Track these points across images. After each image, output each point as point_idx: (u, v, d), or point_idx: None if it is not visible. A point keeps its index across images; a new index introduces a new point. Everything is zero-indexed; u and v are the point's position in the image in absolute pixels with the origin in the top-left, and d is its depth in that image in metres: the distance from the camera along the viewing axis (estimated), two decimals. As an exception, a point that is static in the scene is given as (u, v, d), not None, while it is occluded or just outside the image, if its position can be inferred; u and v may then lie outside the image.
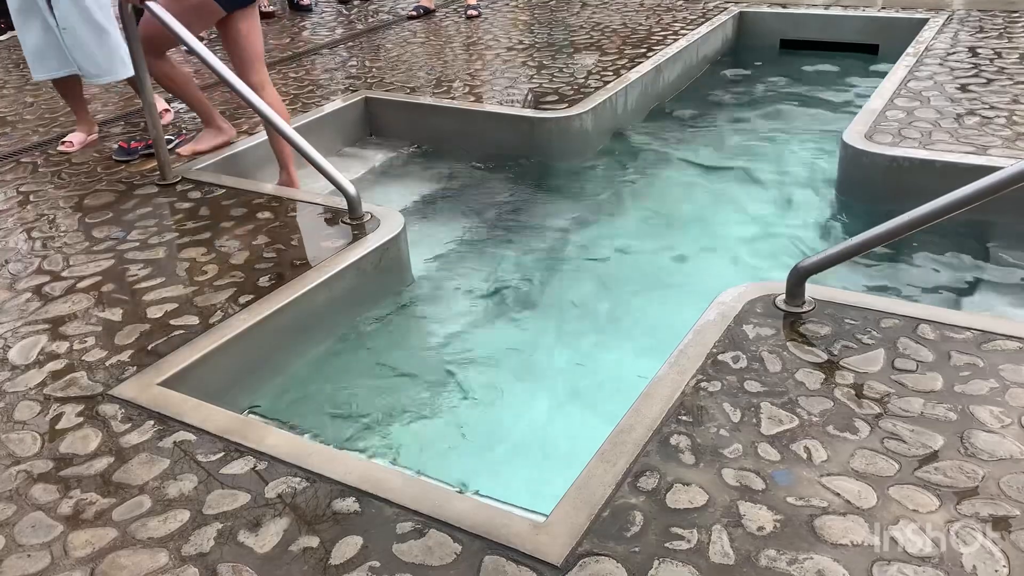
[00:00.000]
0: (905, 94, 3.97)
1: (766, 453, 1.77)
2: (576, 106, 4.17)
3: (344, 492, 1.76)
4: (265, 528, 1.68)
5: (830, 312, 2.25)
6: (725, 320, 2.25)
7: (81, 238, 3.04)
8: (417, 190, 4.05)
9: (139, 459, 1.90)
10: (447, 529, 1.64)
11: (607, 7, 6.33)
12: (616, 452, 1.79)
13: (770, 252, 3.32)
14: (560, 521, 1.63)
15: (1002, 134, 3.43)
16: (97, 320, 2.50)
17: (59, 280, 2.75)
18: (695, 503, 1.65)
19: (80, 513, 1.76)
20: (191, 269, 2.76)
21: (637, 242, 3.48)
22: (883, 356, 2.06)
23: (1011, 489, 1.64)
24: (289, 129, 3.02)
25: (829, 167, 3.84)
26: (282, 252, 2.84)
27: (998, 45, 4.66)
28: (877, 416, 1.86)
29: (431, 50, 5.47)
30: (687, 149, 4.37)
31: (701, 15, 5.86)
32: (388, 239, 2.89)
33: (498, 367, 2.72)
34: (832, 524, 1.58)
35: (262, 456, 1.88)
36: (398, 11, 6.67)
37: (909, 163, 3.29)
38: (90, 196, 3.42)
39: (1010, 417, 1.83)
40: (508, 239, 3.55)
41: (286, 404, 2.51)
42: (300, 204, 3.20)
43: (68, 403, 2.12)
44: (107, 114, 4.51)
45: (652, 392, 1.98)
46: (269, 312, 2.49)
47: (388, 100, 4.55)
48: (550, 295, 3.14)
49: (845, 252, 2.15)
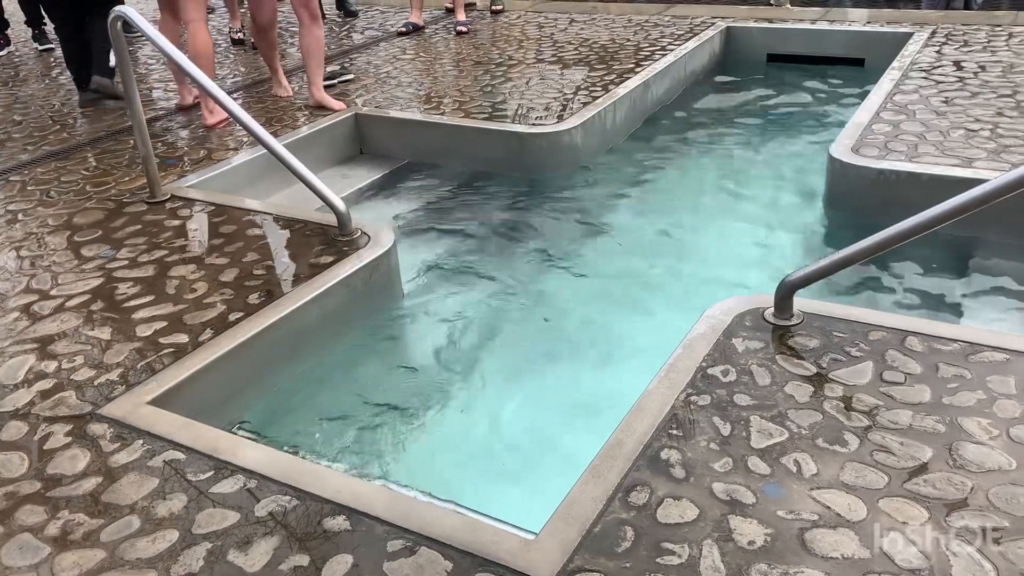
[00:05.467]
0: (891, 107, 4.01)
1: (756, 467, 1.78)
2: (565, 121, 4.19)
3: (334, 510, 1.75)
4: (255, 547, 1.67)
5: (818, 325, 2.26)
6: (715, 334, 2.26)
7: (70, 256, 3.04)
8: (408, 206, 4.06)
9: (128, 479, 1.89)
10: (437, 546, 1.64)
11: (595, 23, 6.37)
12: (607, 467, 1.79)
13: (758, 265, 3.34)
14: (551, 537, 1.63)
15: (987, 147, 3.46)
16: (86, 339, 2.49)
17: (48, 299, 2.74)
18: (686, 518, 1.65)
19: (68, 534, 1.74)
20: (180, 287, 2.75)
21: (627, 255, 3.49)
22: (871, 369, 2.07)
23: (1000, 500, 1.64)
24: (278, 145, 3.03)
25: (817, 180, 3.87)
26: (272, 269, 2.84)
27: (982, 59, 4.71)
28: (866, 429, 1.87)
29: (421, 66, 5.49)
30: (675, 163, 4.39)
31: (688, 30, 5.91)
32: (378, 255, 2.90)
33: (488, 384, 2.72)
34: (822, 537, 1.58)
35: (252, 474, 1.87)
36: (388, 27, 6.70)
37: (896, 176, 3.32)
38: (79, 214, 3.42)
39: (998, 428, 1.84)
40: (498, 255, 3.55)
41: (277, 422, 2.50)
42: (290, 221, 3.20)
43: (57, 423, 2.11)
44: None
45: (642, 406, 1.98)
46: (259, 329, 2.48)
47: (378, 116, 4.56)
48: (540, 310, 3.14)
49: (833, 265, 2.16)
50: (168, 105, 4.93)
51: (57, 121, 4.75)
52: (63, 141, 4.37)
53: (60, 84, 5.60)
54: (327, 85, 4.88)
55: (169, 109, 4.85)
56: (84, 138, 4.40)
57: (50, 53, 6.55)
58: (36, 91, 5.48)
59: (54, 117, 4.83)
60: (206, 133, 4.36)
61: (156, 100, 5.08)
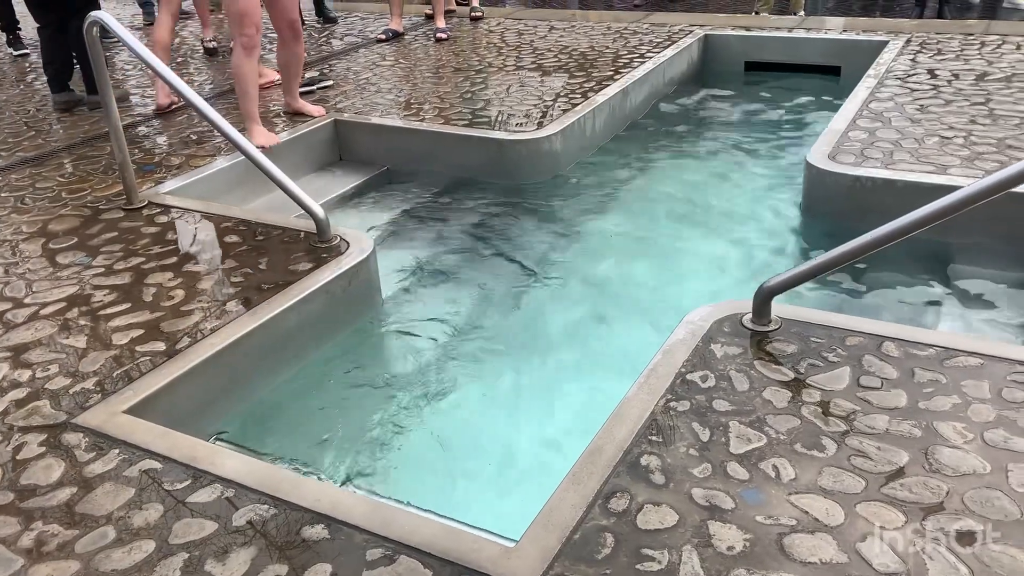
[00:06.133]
0: (867, 115, 4.05)
1: (735, 472, 1.78)
2: (545, 128, 4.20)
3: (313, 519, 1.74)
4: (233, 557, 1.66)
5: (796, 330, 2.28)
6: (694, 339, 2.27)
7: (45, 264, 3.00)
8: (387, 213, 4.05)
9: (103, 489, 1.87)
10: (417, 555, 1.63)
11: (574, 30, 6.39)
12: (586, 474, 1.80)
13: (737, 271, 3.36)
14: (531, 544, 1.63)
15: (961, 154, 3.51)
16: (61, 347, 2.46)
17: (22, 307, 2.71)
18: (665, 523, 1.66)
19: (42, 545, 1.72)
20: (158, 294, 2.73)
21: (605, 263, 3.50)
22: (848, 374, 2.09)
23: (975, 504, 1.66)
24: (257, 152, 3.01)
25: (794, 187, 3.90)
26: (250, 276, 2.82)
27: (955, 67, 4.77)
28: (843, 433, 1.88)
29: (401, 72, 5.49)
30: (654, 170, 4.41)
31: (667, 38, 5.94)
32: (357, 262, 2.89)
33: (468, 390, 2.71)
34: (801, 542, 1.59)
35: (230, 483, 1.86)
36: (367, 34, 6.69)
37: (872, 183, 3.35)
38: (54, 221, 3.38)
39: (972, 432, 1.86)
40: (478, 262, 3.55)
41: (254, 430, 2.48)
42: (268, 227, 3.19)
43: (31, 432, 2.08)
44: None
45: (622, 413, 1.99)
46: (237, 337, 2.47)
47: (357, 123, 4.55)
48: (519, 317, 3.14)
49: (811, 271, 2.18)
50: (146, 111, 4.89)
51: (32, 127, 4.70)
52: (38, 147, 4.33)
53: (35, 90, 5.55)
54: (306, 92, 4.86)
55: (147, 115, 4.81)
56: (60, 144, 4.35)
57: (25, 59, 6.49)
58: (11, 96, 5.42)
59: (29, 123, 4.78)
60: (184, 139, 4.33)
61: (133, 106, 5.04)
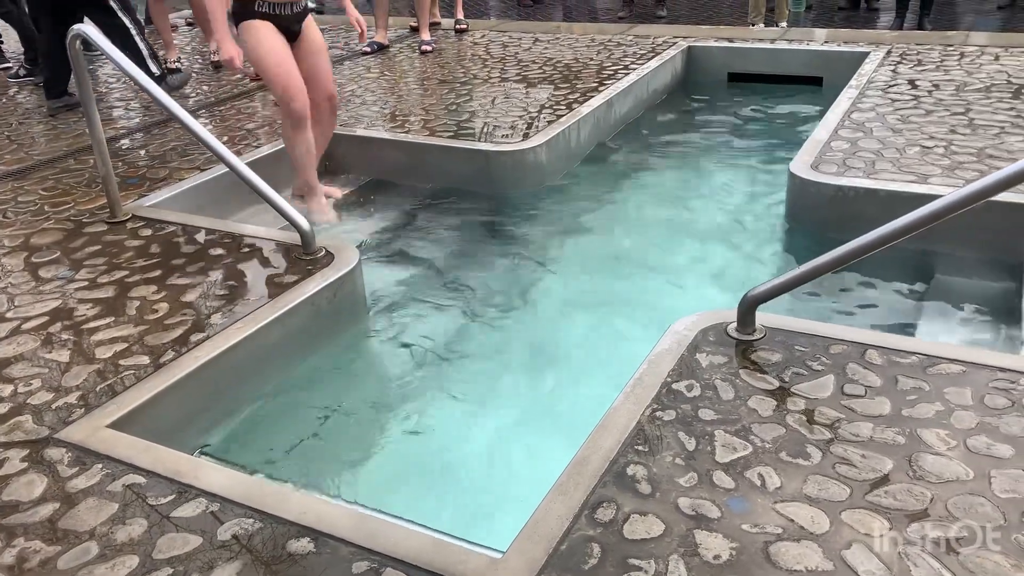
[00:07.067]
0: (849, 125, 4.08)
1: (721, 481, 1.79)
2: (531, 139, 4.21)
3: (299, 532, 1.73)
4: (218, 572, 1.64)
5: (780, 339, 2.29)
6: (679, 349, 2.28)
7: (27, 278, 2.98)
8: (372, 225, 4.04)
9: (86, 504, 1.85)
10: (403, 567, 1.62)
11: (559, 42, 6.42)
12: (573, 484, 1.79)
13: (721, 280, 3.37)
14: (518, 555, 1.62)
15: (941, 163, 3.54)
16: (43, 362, 2.44)
17: (3, 321, 2.69)
18: (652, 533, 1.66)
19: (24, 562, 1.70)
20: (141, 308, 2.71)
21: (590, 273, 3.51)
22: (833, 382, 2.10)
23: (958, 510, 1.67)
24: (241, 164, 3.00)
25: (777, 197, 3.92)
26: (234, 289, 2.81)
27: (935, 77, 4.82)
28: (828, 441, 1.89)
29: (386, 84, 5.50)
30: (639, 181, 4.43)
31: (651, 50, 5.98)
32: (342, 274, 2.88)
33: (454, 402, 2.71)
34: (787, 550, 1.60)
35: (215, 498, 1.84)
36: (352, 46, 6.69)
37: (854, 192, 3.38)
38: (37, 234, 3.36)
39: (956, 439, 1.87)
40: (464, 273, 3.55)
41: (239, 444, 2.46)
42: (253, 240, 3.18)
43: (12, 448, 2.06)
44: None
45: (608, 423, 1.99)
46: (221, 350, 2.46)
47: (342, 135, 4.54)
48: (505, 329, 3.14)
49: (794, 280, 2.19)
50: (129, 124, 4.88)
51: (14, 140, 4.67)
52: (20, 160, 4.30)
53: (17, 103, 5.52)
54: None
55: (130, 128, 4.80)
56: (43, 157, 4.33)
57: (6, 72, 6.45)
58: (-7, 110, 5.39)
59: (11, 136, 4.75)
60: (168, 152, 4.32)
61: (116, 119, 5.02)
